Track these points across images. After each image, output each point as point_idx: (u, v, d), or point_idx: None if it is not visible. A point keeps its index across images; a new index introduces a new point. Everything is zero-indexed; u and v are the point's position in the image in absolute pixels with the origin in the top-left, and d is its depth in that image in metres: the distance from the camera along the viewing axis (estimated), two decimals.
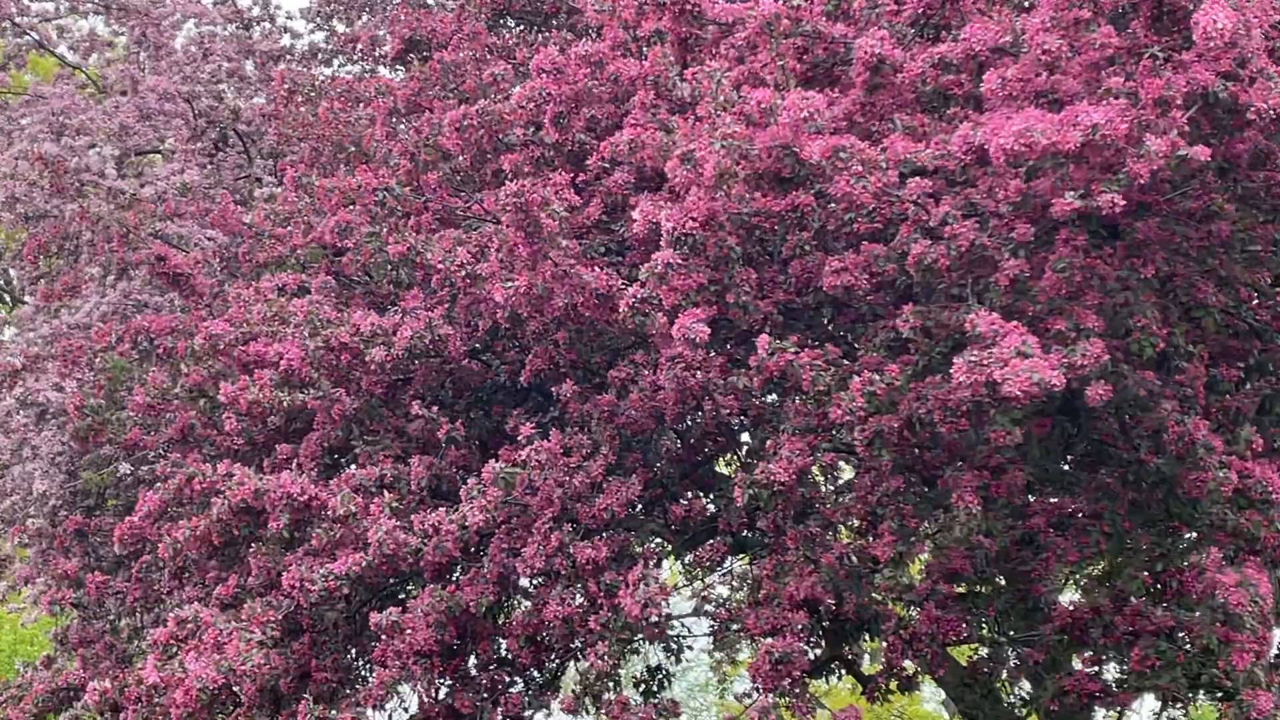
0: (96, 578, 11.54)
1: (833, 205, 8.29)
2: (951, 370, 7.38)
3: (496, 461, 9.30)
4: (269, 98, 15.05)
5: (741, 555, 10.78)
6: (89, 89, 17.04)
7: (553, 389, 10.05)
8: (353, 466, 10.55)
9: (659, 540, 10.42)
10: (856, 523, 9.46)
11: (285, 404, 10.03)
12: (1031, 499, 9.74)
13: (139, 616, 11.69)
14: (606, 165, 9.83)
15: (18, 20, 17.51)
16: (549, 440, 9.41)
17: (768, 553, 9.48)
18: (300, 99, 12.16)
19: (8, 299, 22.88)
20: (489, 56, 11.50)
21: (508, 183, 8.90)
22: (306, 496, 9.55)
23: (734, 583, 10.70)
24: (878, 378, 8.18)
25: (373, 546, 9.10)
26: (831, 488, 10.66)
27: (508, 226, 8.94)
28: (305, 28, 16.97)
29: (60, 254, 14.04)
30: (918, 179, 8.02)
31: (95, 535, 12.52)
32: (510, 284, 9.05)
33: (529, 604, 9.68)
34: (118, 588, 11.50)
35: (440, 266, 9.47)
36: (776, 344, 8.34)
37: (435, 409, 10.16)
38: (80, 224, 12.58)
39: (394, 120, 11.39)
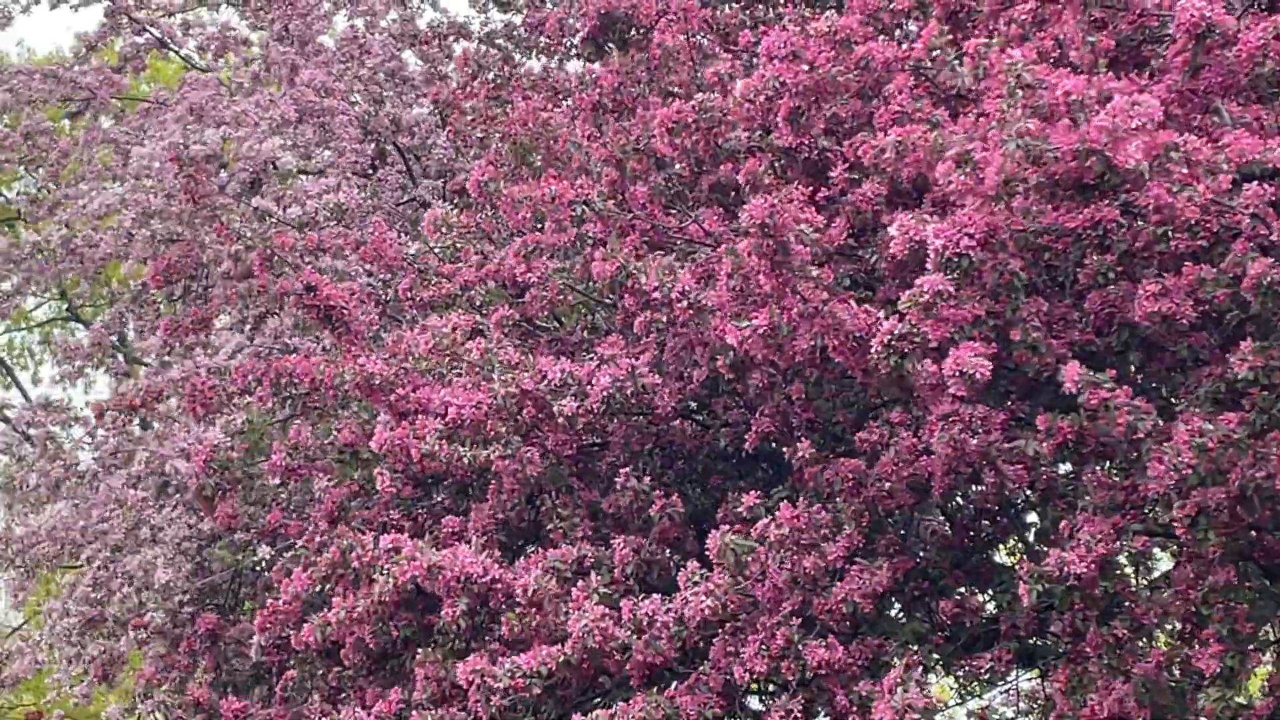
0: (233, 704, 11.62)
1: (1141, 223, 8.24)
2: None
3: (722, 532, 9.30)
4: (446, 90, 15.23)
5: (1030, 668, 10.70)
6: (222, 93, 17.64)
7: (785, 451, 10.07)
8: (531, 547, 10.67)
9: (922, 648, 10.36)
10: (1176, 625, 9.35)
11: (466, 460, 10.21)
12: None
13: None
14: (854, 176, 9.90)
15: (135, 14, 18.05)
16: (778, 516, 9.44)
17: (1063, 662, 9.40)
18: (486, 85, 12.20)
19: (121, 356, 23.73)
20: (704, 41, 11.61)
21: (750, 197, 8.96)
22: (489, 578, 9.69)
23: (1020, 703, 10.61)
24: (1210, 427, 8.12)
25: (574, 638, 9.20)
26: (1144, 581, 10.55)
27: (748, 252, 9.03)
28: (476, 18, 17.29)
29: (189, 285, 14.54)
30: (1255, 184, 7.96)
31: (230, 643, 12.87)
32: (745, 324, 9.13)
33: None
34: (257, 716, 11.61)
35: (656, 294, 9.63)
36: (1088, 375, 8.30)
37: (647, 479, 10.33)
38: (217, 243, 12.90)
39: (599, 116, 11.56)
